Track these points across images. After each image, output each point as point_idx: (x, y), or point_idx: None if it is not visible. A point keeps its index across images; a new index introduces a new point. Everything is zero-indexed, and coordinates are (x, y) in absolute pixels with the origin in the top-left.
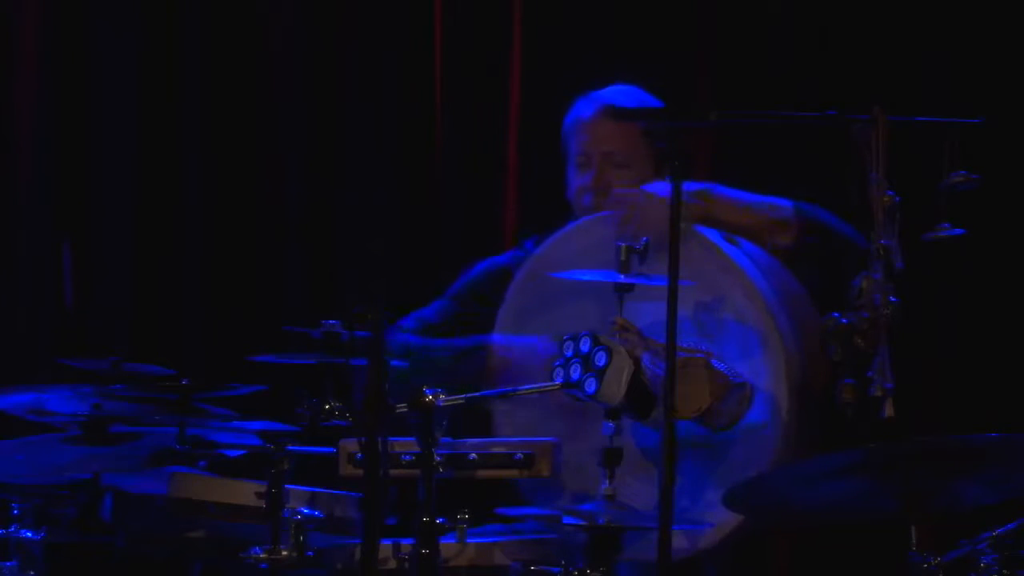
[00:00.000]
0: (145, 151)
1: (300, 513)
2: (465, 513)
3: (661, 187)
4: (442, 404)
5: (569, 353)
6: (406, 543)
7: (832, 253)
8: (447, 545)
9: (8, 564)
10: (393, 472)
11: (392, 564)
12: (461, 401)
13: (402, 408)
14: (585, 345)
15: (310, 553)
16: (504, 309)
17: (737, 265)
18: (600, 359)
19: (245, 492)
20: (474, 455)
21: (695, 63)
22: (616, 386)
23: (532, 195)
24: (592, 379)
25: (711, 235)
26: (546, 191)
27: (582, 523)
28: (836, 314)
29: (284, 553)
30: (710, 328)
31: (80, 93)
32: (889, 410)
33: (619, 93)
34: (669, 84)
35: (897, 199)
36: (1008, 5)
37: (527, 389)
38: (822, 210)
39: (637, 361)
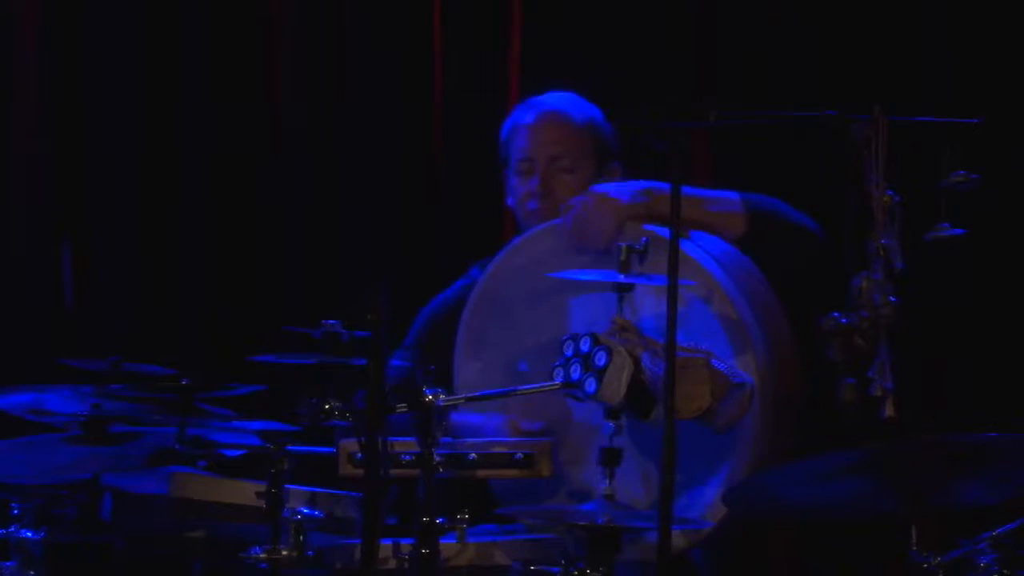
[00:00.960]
0: (145, 151)
1: (300, 513)
2: (465, 513)
3: (609, 187)
4: (442, 404)
5: (569, 353)
6: (406, 543)
7: (784, 242)
8: (447, 545)
9: (8, 564)
10: (393, 472)
11: (392, 564)
12: (461, 401)
13: (402, 408)
14: (585, 345)
15: (310, 553)
16: (460, 336)
17: (704, 268)
18: (600, 359)
19: (245, 492)
20: (474, 455)
21: (694, 63)
22: (616, 386)
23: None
24: (592, 379)
25: (662, 232)
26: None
27: (582, 523)
28: (836, 314)
29: (284, 553)
30: (696, 327)
31: (79, 92)
32: (889, 410)
33: (563, 99)
34: (669, 84)
35: (897, 199)
36: (1009, 5)
37: (527, 389)
38: (770, 198)
39: (637, 361)
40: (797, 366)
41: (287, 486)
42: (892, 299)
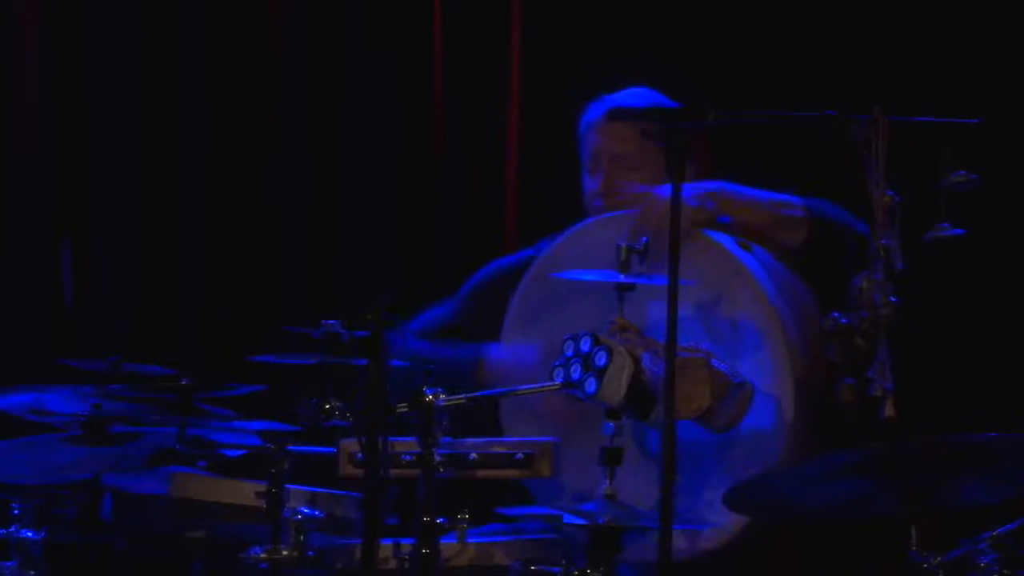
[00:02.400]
0: (145, 151)
1: (300, 513)
2: (465, 513)
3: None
4: (442, 403)
5: (569, 353)
6: (406, 543)
7: (843, 250)
8: (447, 545)
9: (8, 564)
10: (393, 472)
11: (392, 564)
12: (461, 401)
13: (402, 408)
14: (585, 345)
15: (310, 553)
16: (512, 311)
17: (746, 267)
18: (600, 359)
19: (245, 492)
20: (474, 455)
21: (695, 62)
22: (616, 386)
23: (533, 195)
24: (592, 379)
25: (720, 238)
26: (547, 190)
27: (583, 523)
28: (836, 314)
29: (284, 553)
30: (719, 330)
31: (79, 92)
32: (889, 410)
33: (633, 96)
34: (670, 83)
35: (897, 199)
36: (1009, 5)
37: (527, 389)
38: (832, 206)
39: (637, 361)
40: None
41: (287, 486)
42: (892, 299)
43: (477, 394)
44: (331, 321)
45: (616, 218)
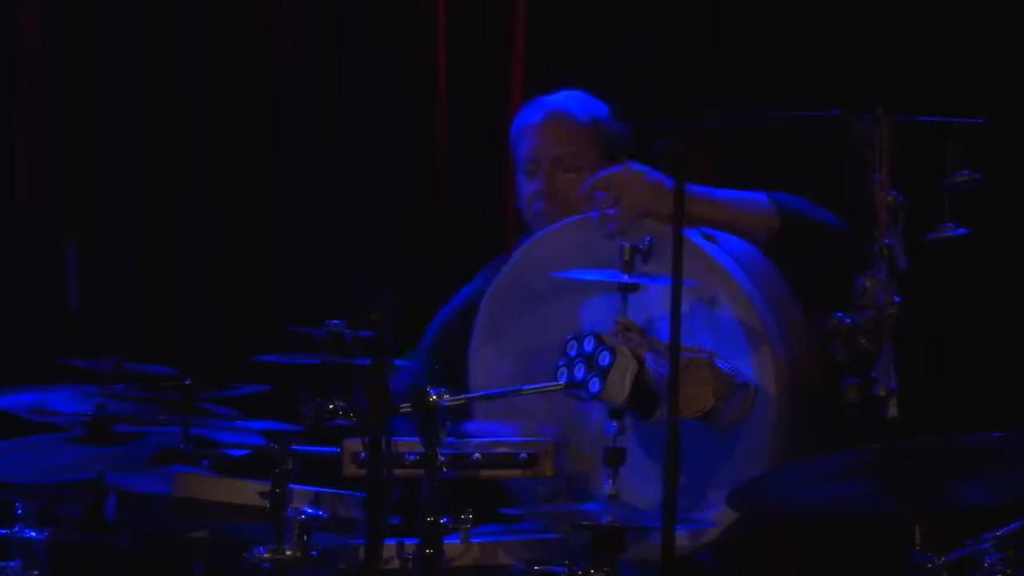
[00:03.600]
0: (149, 152)
1: (304, 513)
2: (469, 513)
3: (647, 168)
4: (446, 404)
5: (573, 353)
6: (410, 543)
7: (811, 241)
8: (451, 545)
9: (12, 564)
10: (397, 472)
11: (396, 564)
12: (463, 401)
13: (406, 408)
14: (589, 345)
15: (314, 553)
16: (479, 324)
17: (720, 264)
18: (604, 359)
19: (249, 492)
20: (478, 455)
21: (697, 62)
22: (620, 386)
23: None
24: (596, 379)
25: (690, 235)
26: None
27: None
28: (840, 314)
29: (288, 553)
30: (699, 328)
31: (84, 95)
32: (893, 410)
33: (569, 98)
34: (672, 83)
35: (900, 199)
36: (1012, 4)
37: (530, 389)
38: (797, 198)
39: (641, 361)
40: (815, 367)
41: (291, 486)
42: (896, 299)
43: (479, 394)
44: (334, 321)
45: (581, 221)
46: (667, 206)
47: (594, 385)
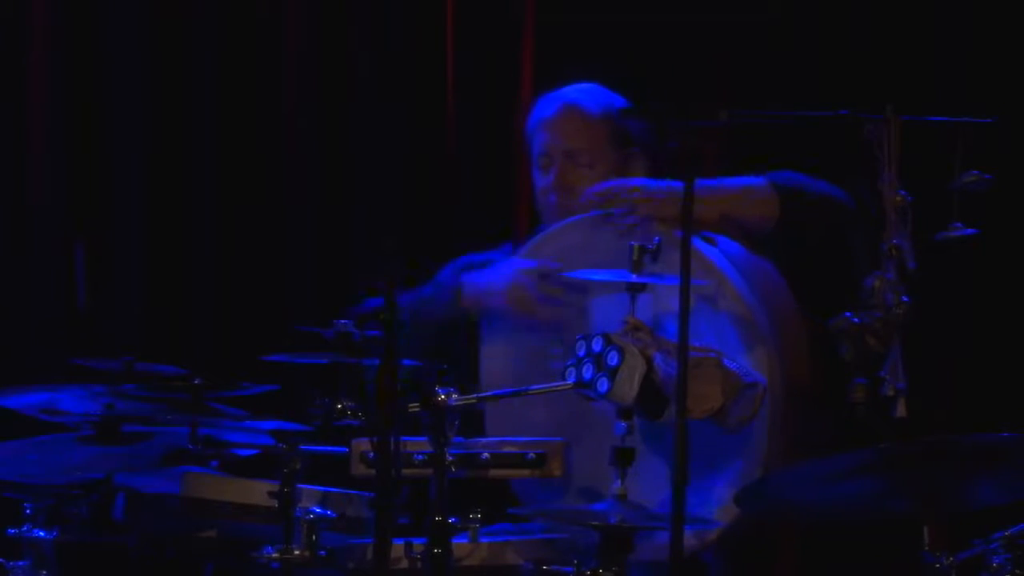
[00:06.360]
0: (157, 151)
1: (312, 512)
2: (477, 512)
3: (648, 182)
4: (454, 404)
5: (581, 352)
6: (418, 542)
7: (813, 214)
8: (459, 544)
9: (21, 563)
10: (405, 472)
11: (404, 564)
12: (473, 400)
13: (414, 408)
14: (597, 344)
15: (322, 552)
16: (486, 325)
17: (716, 267)
18: (612, 359)
19: (257, 492)
20: (486, 455)
21: (707, 61)
22: (628, 386)
23: None
24: (604, 379)
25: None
26: None
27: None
28: (848, 314)
29: (296, 552)
30: (698, 329)
31: (92, 94)
32: (901, 410)
33: (582, 92)
34: (679, 83)
35: (909, 199)
36: (1022, 3)
37: (538, 389)
38: (796, 174)
39: (649, 361)
40: (813, 367)
41: (299, 486)
42: (904, 299)
43: (488, 394)
44: (343, 321)
45: (596, 218)
46: (670, 216)
47: (603, 385)
